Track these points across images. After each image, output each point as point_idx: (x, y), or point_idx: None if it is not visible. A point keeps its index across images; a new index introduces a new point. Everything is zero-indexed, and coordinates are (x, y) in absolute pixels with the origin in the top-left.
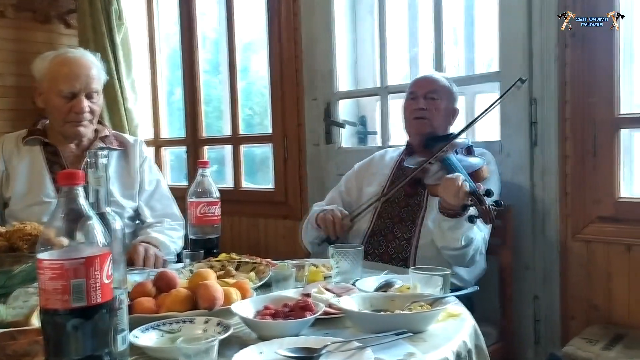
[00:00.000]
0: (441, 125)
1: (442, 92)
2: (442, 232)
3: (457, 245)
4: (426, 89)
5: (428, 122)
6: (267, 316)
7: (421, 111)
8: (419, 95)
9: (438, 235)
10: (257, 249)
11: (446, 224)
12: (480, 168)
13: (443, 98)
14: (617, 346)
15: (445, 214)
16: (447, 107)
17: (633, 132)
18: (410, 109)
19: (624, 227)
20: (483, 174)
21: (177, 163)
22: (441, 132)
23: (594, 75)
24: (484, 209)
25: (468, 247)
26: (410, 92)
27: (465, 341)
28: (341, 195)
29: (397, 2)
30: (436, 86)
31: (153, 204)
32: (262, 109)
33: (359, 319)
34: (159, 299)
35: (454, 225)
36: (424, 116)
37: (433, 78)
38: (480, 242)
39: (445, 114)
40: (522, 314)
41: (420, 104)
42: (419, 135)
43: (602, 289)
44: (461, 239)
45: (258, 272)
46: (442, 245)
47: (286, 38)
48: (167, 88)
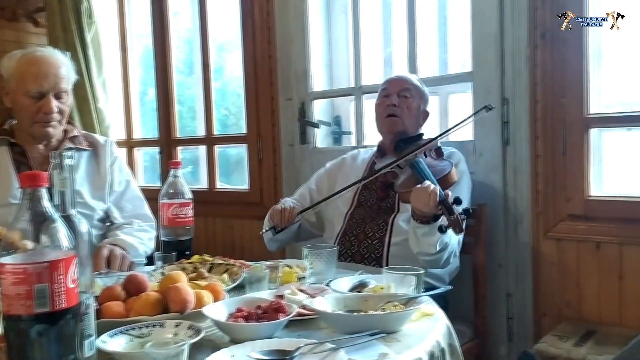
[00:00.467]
0: (412, 125)
1: (414, 91)
2: (417, 238)
3: (432, 250)
4: (399, 87)
5: (400, 121)
6: (239, 318)
7: (393, 108)
8: (391, 93)
9: (413, 242)
10: (231, 250)
11: (420, 230)
12: (449, 173)
13: (415, 97)
14: (587, 342)
15: (419, 220)
16: (419, 107)
17: (602, 132)
18: (383, 105)
19: (594, 225)
20: (452, 178)
21: (151, 164)
22: (412, 132)
23: (564, 76)
24: (452, 219)
25: (443, 251)
26: (382, 90)
27: (439, 340)
28: (311, 193)
29: (371, 2)
30: (409, 85)
31: (123, 205)
32: (238, 109)
33: (332, 320)
34: (128, 303)
35: (428, 231)
36: (396, 114)
37: (406, 78)
38: (455, 245)
39: (417, 114)
40: (495, 312)
41: (392, 101)
42: (390, 133)
43: (573, 286)
44: (436, 244)
45: (231, 274)
46: (418, 251)
47: (260, 38)
48: (141, 88)
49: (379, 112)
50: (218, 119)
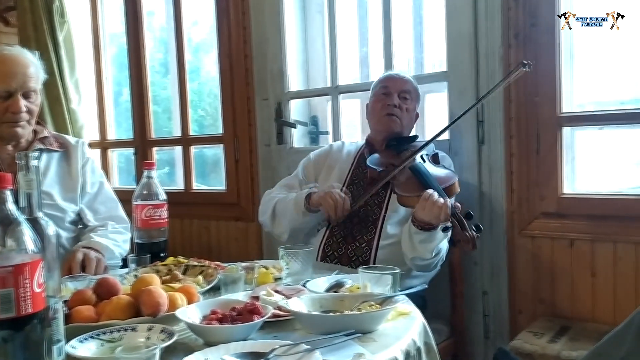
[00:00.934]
0: (409, 126)
1: (413, 93)
2: (414, 244)
3: (428, 257)
4: (400, 87)
5: (398, 122)
6: (213, 321)
7: (394, 109)
8: (392, 91)
9: (409, 247)
10: (208, 252)
11: (419, 236)
12: (454, 184)
13: (413, 99)
14: (562, 339)
15: (419, 227)
16: (414, 109)
17: (574, 130)
18: (383, 103)
19: (567, 223)
20: (456, 189)
21: (126, 165)
22: (406, 133)
23: (537, 76)
24: (466, 235)
25: (437, 256)
26: (382, 87)
27: (415, 339)
28: (300, 183)
29: (347, 2)
30: (409, 87)
31: (96, 207)
32: (215, 110)
33: (307, 321)
34: (99, 307)
35: (426, 238)
36: (396, 114)
37: (406, 78)
38: (445, 251)
39: (412, 117)
40: (472, 310)
41: (394, 101)
42: (387, 132)
43: (548, 283)
44: (432, 250)
45: (206, 276)
46: (413, 257)
47: (235, 37)
48: (115, 88)
49: (376, 108)
50: (195, 120)
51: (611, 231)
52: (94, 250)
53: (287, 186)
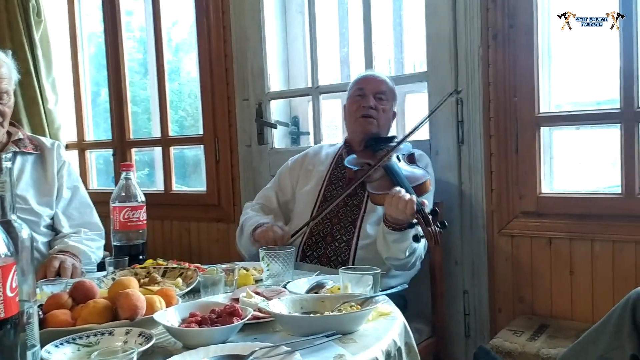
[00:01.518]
0: (386, 126)
1: (389, 93)
2: (387, 244)
3: (402, 256)
4: (376, 88)
5: (375, 123)
6: (192, 324)
7: (370, 110)
8: (368, 93)
9: (383, 247)
10: (188, 253)
11: (391, 236)
12: (425, 182)
13: (390, 100)
14: (541, 336)
15: (390, 227)
16: (391, 109)
17: (552, 130)
18: (359, 105)
19: (546, 222)
20: (426, 187)
21: (105, 167)
22: (384, 134)
23: (515, 76)
24: (429, 231)
25: (412, 255)
26: (358, 89)
27: (395, 340)
28: (277, 194)
29: (327, 2)
30: (385, 87)
31: (70, 213)
32: (195, 110)
33: (288, 322)
34: (75, 311)
35: (399, 238)
36: (372, 115)
37: (382, 78)
38: (422, 250)
39: (389, 117)
40: (452, 309)
41: (369, 102)
42: (363, 134)
43: (527, 281)
44: (406, 250)
45: (186, 278)
46: (388, 257)
47: (215, 37)
48: (93, 89)
49: (352, 110)
50: (176, 121)
51: (588, 230)
52: (70, 254)
53: (264, 197)
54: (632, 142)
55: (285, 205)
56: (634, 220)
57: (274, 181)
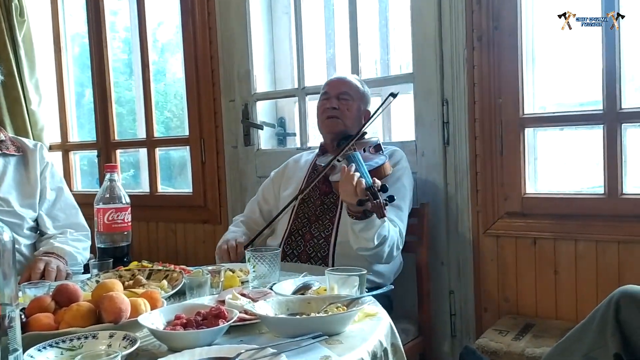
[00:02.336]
0: (354, 124)
1: (354, 93)
2: (355, 234)
3: (371, 245)
4: (338, 89)
5: (340, 122)
6: (177, 326)
7: (333, 110)
8: (331, 95)
9: (352, 238)
10: (175, 255)
11: (357, 226)
12: (382, 165)
13: (355, 99)
14: (526, 336)
15: (353, 216)
16: (359, 107)
17: (537, 131)
18: (323, 107)
19: (530, 222)
20: (385, 170)
21: (89, 168)
22: (353, 131)
23: (500, 77)
24: (375, 203)
25: (383, 244)
26: (323, 93)
27: (381, 340)
28: (260, 205)
29: (313, 3)
30: (348, 87)
31: (55, 214)
32: (181, 111)
33: (273, 324)
34: (58, 314)
35: (364, 226)
36: (336, 115)
37: (345, 80)
38: (395, 237)
39: (357, 115)
40: (438, 309)
41: (332, 104)
42: (330, 133)
43: (512, 281)
44: (374, 238)
45: (171, 280)
46: (358, 247)
47: (201, 38)
48: (78, 89)
49: (319, 113)
50: (162, 122)
51: (572, 230)
52: (56, 255)
53: (249, 210)
54: (615, 143)
55: (269, 214)
56: (617, 220)
57: (257, 194)
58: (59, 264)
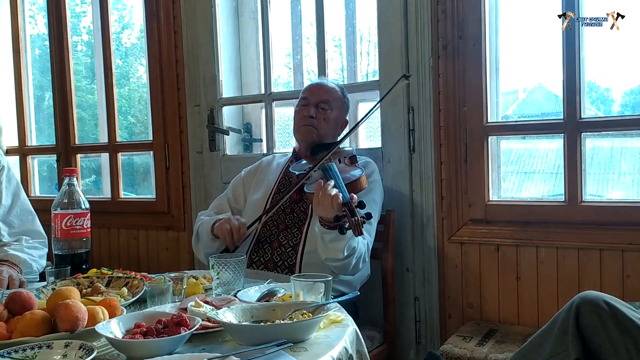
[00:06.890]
0: (328, 134)
1: (334, 103)
2: (325, 244)
3: (340, 256)
4: (319, 98)
5: (315, 131)
6: (137, 335)
7: (310, 119)
8: (310, 102)
9: (321, 247)
10: (136, 262)
11: (328, 236)
12: (359, 179)
13: (334, 108)
14: (489, 342)
15: (326, 226)
16: (338, 117)
17: (500, 139)
18: (301, 115)
19: (493, 229)
20: (361, 184)
21: (48, 173)
22: (328, 140)
23: (464, 86)
24: (353, 220)
25: (351, 256)
26: (302, 98)
27: (347, 347)
28: (229, 202)
29: (281, 8)
30: (328, 95)
31: (11, 220)
32: (146, 117)
33: (237, 332)
34: (10, 323)
35: (335, 237)
36: (312, 124)
37: (327, 87)
38: (364, 250)
39: (335, 125)
40: (404, 316)
41: (310, 112)
42: (305, 142)
43: (476, 288)
44: (344, 249)
45: (131, 288)
46: (326, 257)
47: (166, 42)
48: (37, 93)
49: (296, 119)
50: (125, 127)
51: (534, 236)
52: (9, 263)
53: (218, 207)
54: (575, 152)
55: (237, 214)
56: (577, 227)
57: (227, 191)
58: (11, 273)
